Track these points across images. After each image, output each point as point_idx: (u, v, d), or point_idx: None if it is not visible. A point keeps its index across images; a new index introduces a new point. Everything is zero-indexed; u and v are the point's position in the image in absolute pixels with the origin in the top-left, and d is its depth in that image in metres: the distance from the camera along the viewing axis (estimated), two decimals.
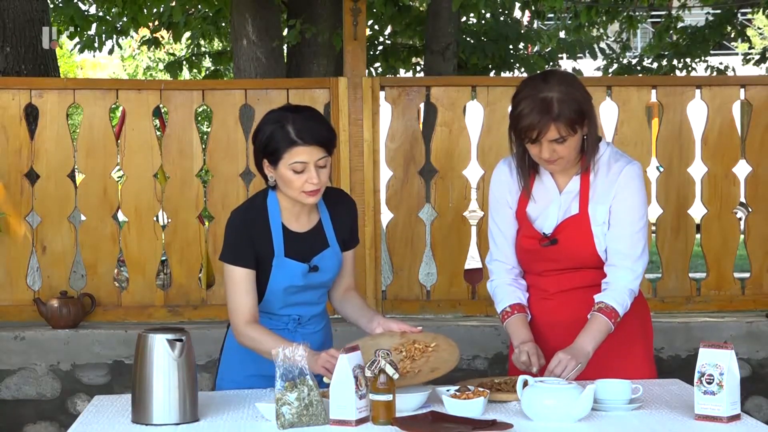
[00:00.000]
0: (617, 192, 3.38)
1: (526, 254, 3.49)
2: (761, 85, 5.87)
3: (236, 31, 9.36)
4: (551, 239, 3.39)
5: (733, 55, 17.94)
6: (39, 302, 5.37)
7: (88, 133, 5.54)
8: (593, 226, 3.38)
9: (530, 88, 3.31)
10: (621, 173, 3.39)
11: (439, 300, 5.61)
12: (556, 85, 3.28)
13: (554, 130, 3.26)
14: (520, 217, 3.48)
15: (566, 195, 3.43)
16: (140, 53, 25.31)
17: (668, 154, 5.69)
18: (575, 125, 3.28)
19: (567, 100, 3.25)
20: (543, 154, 3.31)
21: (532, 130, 3.27)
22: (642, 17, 13.65)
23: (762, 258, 5.71)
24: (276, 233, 3.34)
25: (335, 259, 3.44)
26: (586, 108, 3.31)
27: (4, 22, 8.69)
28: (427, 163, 5.68)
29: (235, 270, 3.31)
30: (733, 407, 2.88)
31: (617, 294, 3.35)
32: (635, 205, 3.40)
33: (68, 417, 5.13)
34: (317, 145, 3.24)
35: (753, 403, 5.41)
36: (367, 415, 2.88)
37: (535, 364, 3.30)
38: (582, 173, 3.40)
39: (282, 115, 3.28)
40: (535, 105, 3.26)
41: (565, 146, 3.30)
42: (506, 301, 3.50)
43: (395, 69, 12.66)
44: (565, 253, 3.41)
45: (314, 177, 3.24)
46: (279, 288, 3.37)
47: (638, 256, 3.39)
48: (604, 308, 3.33)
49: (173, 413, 2.93)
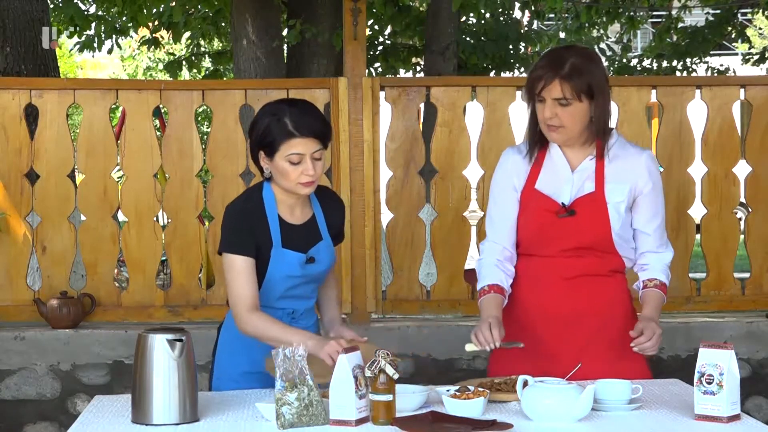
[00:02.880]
0: (646, 180, 3.46)
1: (538, 230, 3.47)
2: (761, 85, 5.87)
3: (236, 31, 9.36)
4: (569, 210, 3.41)
5: (733, 56, 17.94)
6: (39, 302, 5.37)
7: (88, 133, 5.54)
8: (609, 204, 3.42)
9: (552, 50, 3.51)
10: (642, 159, 3.48)
11: (439, 300, 5.61)
12: (577, 52, 3.41)
13: (558, 86, 3.33)
14: (530, 195, 3.48)
15: (579, 174, 3.45)
16: (140, 53, 25.31)
17: (668, 154, 5.69)
18: (581, 93, 3.34)
19: (581, 67, 3.35)
20: (545, 113, 3.36)
21: (539, 81, 3.35)
22: (642, 18, 13.65)
23: (762, 258, 5.71)
24: (273, 224, 3.38)
25: (329, 252, 3.48)
26: (597, 85, 3.37)
27: (4, 22, 8.69)
28: (427, 163, 5.68)
29: (236, 259, 3.33)
30: (733, 407, 2.88)
31: (663, 270, 3.51)
32: (661, 192, 3.53)
33: (68, 417, 5.13)
34: (313, 137, 3.30)
35: (753, 403, 5.41)
36: (367, 415, 2.88)
37: (497, 339, 3.29)
38: (597, 158, 3.44)
39: (279, 108, 3.34)
40: (549, 61, 3.38)
41: (568, 112, 3.35)
42: (487, 280, 3.51)
43: (395, 69, 12.67)
44: (580, 227, 3.42)
45: (310, 169, 3.30)
46: (277, 278, 3.39)
47: (667, 239, 3.57)
48: (659, 284, 3.50)
49: (173, 413, 2.93)
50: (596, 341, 3.44)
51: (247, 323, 3.31)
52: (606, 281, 3.48)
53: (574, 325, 3.43)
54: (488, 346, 3.28)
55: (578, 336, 3.44)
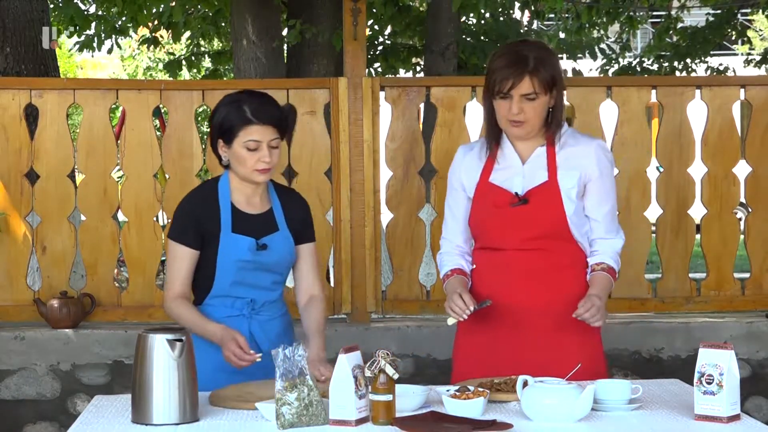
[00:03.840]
0: (594, 166, 3.50)
1: (493, 222, 3.52)
2: (761, 85, 5.87)
3: (236, 31, 9.36)
4: (522, 199, 3.46)
5: (733, 56, 17.94)
6: (39, 302, 5.37)
7: (88, 133, 5.54)
8: (562, 191, 3.47)
9: (507, 48, 3.54)
10: (591, 147, 3.53)
11: (439, 300, 5.60)
12: (534, 47, 3.49)
13: (528, 83, 3.40)
14: (484, 188, 3.54)
15: (529, 164, 3.51)
16: (140, 53, 25.31)
17: (668, 154, 5.69)
18: (547, 86, 3.42)
19: (543, 60, 3.43)
20: (512, 109, 3.42)
21: (506, 81, 3.41)
22: (642, 18, 13.65)
23: (762, 258, 5.70)
24: (225, 210, 3.49)
25: (286, 244, 3.55)
26: (558, 77, 3.46)
27: (4, 23, 8.69)
28: (427, 163, 5.68)
29: (175, 246, 3.50)
30: (733, 407, 2.88)
31: (612, 255, 3.53)
32: (611, 179, 3.58)
33: (68, 417, 5.13)
34: (271, 125, 3.43)
35: (753, 404, 5.41)
36: (367, 415, 2.88)
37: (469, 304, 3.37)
38: (548, 147, 3.50)
39: (238, 97, 3.50)
40: (512, 59, 3.43)
41: (533, 107, 3.42)
42: (448, 266, 3.63)
43: (395, 69, 12.66)
44: (535, 215, 3.46)
45: (266, 156, 3.42)
46: (227, 263, 3.46)
47: (617, 225, 3.60)
48: (606, 268, 3.51)
49: (173, 413, 2.93)
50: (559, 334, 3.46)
51: (169, 309, 3.51)
52: (568, 274, 3.51)
53: (536, 318, 3.47)
54: (464, 314, 3.38)
55: (540, 328, 3.48)
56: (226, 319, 3.50)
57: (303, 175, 5.55)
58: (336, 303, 5.53)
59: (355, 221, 5.50)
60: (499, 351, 3.51)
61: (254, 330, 3.53)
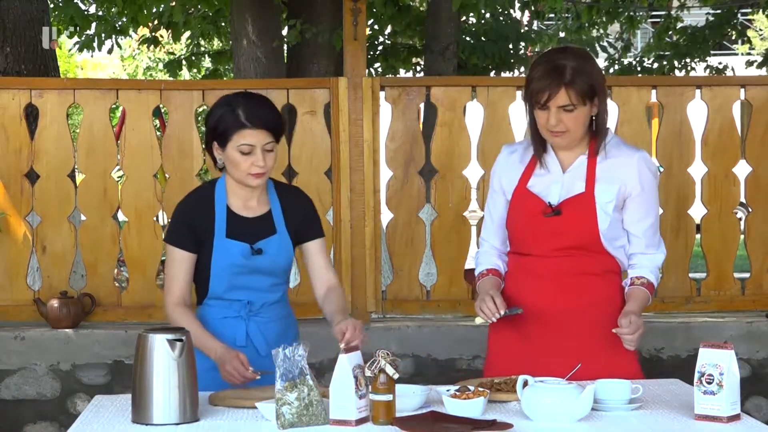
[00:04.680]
0: (635, 181, 3.43)
1: (526, 229, 3.49)
2: (761, 85, 5.88)
3: (236, 31, 9.36)
4: (555, 210, 3.41)
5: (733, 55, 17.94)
6: (39, 302, 5.37)
7: (88, 133, 5.54)
8: (597, 205, 3.41)
9: (546, 56, 3.44)
10: (634, 160, 3.45)
11: (439, 300, 5.61)
12: (572, 56, 3.38)
13: (564, 95, 3.32)
14: (521, 194, 3.49)
15: (570, 173, 3.46)
16: (140, 53, 25.30)
17: (668, 154, 5.69)
18: (585, 97, 3.34)
19: (581, 70, 3.34)
20: (550, 121, 3.35)
21: (543, 93, 3.33)
22: (642, 17, 13.64)
23: (762, 258, 5.70)
24: (220, 214, 3.46)
25: (284, 247, 3.51)
26: (598, 85, 3.38)
27: (4, 22, 8.69)
28: (427, 163, 5.68)
29: (172, 250, 3.49)
30: (733, 407, 2.88)
31: (652, 270, 3.49)
32: (655, 194, 3.50)
33: (68, 417, 5.13)
34: (265, 129, 3.38)
35: (753, 403, 5.41)
36: (367, 415, 2.88)
37: (501, 306, 3.36)
38: (589, 157, 3.44)
39: (233, 99, 3.44)
40: (549, 69, 3.35)
41: (573, 117, 3.35)
42: (484, 266, 3.61)
43: (395, 69, 12.66)
44: (566, 227, 3.42)
45: (260, 160, 3.38)
46: (221, 267, 3.45)
47: (659, 239, 3.55)
48: (646, 283, 3.47)
49: (173, 413, 2.93)
50: (589, 340, 3.44)
51: (169, 316, 3.47)
52: (599, 280, 3.47)
53: (566, 323, 3.44)
54: (493, 317, 3.35)
55: (570, 334, 3.45)
56: (224, 320, 3.50)
57: (303, 174, 5.55)
58: None
59: (355, 221, 5.50)
60: (530, 352, 3.47)
61: (251, 332, 3.51)
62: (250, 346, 3.47)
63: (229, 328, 3.48)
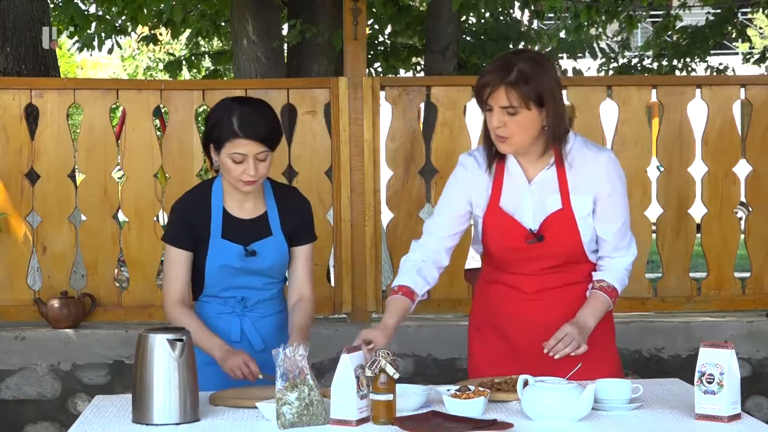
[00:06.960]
0: (604, 184, 3.34)
1: (510, 254, 3.42)
2: (761, 84, 5.87)
3: (236, 31, 9.36)
4: (537, 236, 3.33)
5: (733, 55, 17.93)
6: (39, 302, 5.37)
7: (89, 133, 5.54)
8: (578, 220, 3.35)
9: (503, 55, 3.34)
10: (601, 163, 3.34)
11: (439, 300, 5.61)
12: (526, 59, 3.25)
13: (503, 94, 3.20)
14: (495, 214, 3.39)
15: (537, 186, 3.36)
16: (140, 53, 25.31)
17: (668, 153, 5.69)
18: (529, 102, 3.20)
19: (529, 74, 3.20)
20: (493, 122, 3.24)
21: (485, 89, 3.23)
22: (641, 17, 13.64)
23: (762, 258, 5.71)
24: (216, 215, 3.47)
25: (278, 249, 3.52)
26: (547, 92, 3.23)
27: (5, 22, 8.69)
28: (428, 162, 5.68)
29: (170, 249, 3.48)
30: (734, 407, 2.88)
31: (616, 273, 3.40)
32: (623, 195, 3.41)
33: (68, 417, 5.13)
34: (257, 140, 3.36)
35: (753, 403, 5.41)
36: (368, 415, 2.88)
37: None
38: (557, 166, 3.34)
39: (230, 105, 3.43)
40: (497, 66, 3.25)
41: (516, 122, 3.22)
42: (400, 281, 3.50)
43: (395, 69, 12.66)
44: (551, 250, 3.36)
45: (251, 169, 3.37)
46: (215, 267, 3.46)
47: (629, 240, 3.45)
48: (605, 287, 3.39)
49: (173, 413, 2.93)
50: None
51: (168, 314, 3.48)
52: (581, 287, 3.43)
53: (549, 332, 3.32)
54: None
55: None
56: (219, 316, 3.52)
57: (303, 174, 5.55)
58: (336, 302, 5.53)
59: (356, 221, 5.50)
60: (514, 355, 3.45)
61: (246, 327, 3.53)
62: (245, 342, 3.48)
63: (224, 323, 3.49)
